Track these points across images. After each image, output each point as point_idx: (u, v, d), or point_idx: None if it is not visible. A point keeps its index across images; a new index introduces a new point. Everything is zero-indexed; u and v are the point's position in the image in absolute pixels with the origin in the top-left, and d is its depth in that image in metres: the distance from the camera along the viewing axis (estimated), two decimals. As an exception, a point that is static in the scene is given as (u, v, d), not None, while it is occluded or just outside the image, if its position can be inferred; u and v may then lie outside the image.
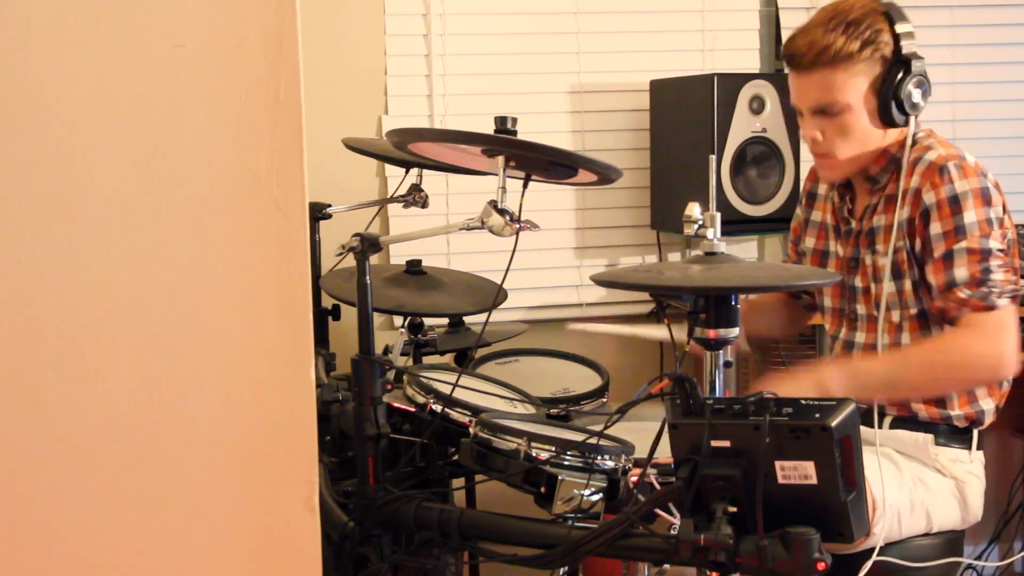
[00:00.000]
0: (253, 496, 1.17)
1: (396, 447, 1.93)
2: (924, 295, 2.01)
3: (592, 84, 3.18)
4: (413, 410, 1.95)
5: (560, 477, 1.65)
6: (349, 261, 2.09)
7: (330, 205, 2.52)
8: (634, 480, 1.67)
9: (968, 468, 2.06)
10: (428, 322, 2.46)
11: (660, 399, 1.50)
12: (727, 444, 1.39)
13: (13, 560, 1.12)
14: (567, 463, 1.67)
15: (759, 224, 2.93)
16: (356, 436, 1.77)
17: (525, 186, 1.71)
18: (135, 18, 1.09)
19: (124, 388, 1.12)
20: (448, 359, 2.59)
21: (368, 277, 1.78)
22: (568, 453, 1.67)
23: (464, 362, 2.43)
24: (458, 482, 2.31)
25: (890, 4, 2.00)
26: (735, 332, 1.59)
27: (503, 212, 1.63)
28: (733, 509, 1.38)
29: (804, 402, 1.39)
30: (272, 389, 1.15)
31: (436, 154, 1.93)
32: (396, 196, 2.57)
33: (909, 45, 1.97)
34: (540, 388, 2.22)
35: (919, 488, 2.01)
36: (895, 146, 2.05)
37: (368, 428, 1.74)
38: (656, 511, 1.46)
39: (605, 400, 2.28)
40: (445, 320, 2.56)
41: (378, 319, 2.93)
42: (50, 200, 1.09)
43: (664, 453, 1.47)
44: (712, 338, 1.58)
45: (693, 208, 1.69)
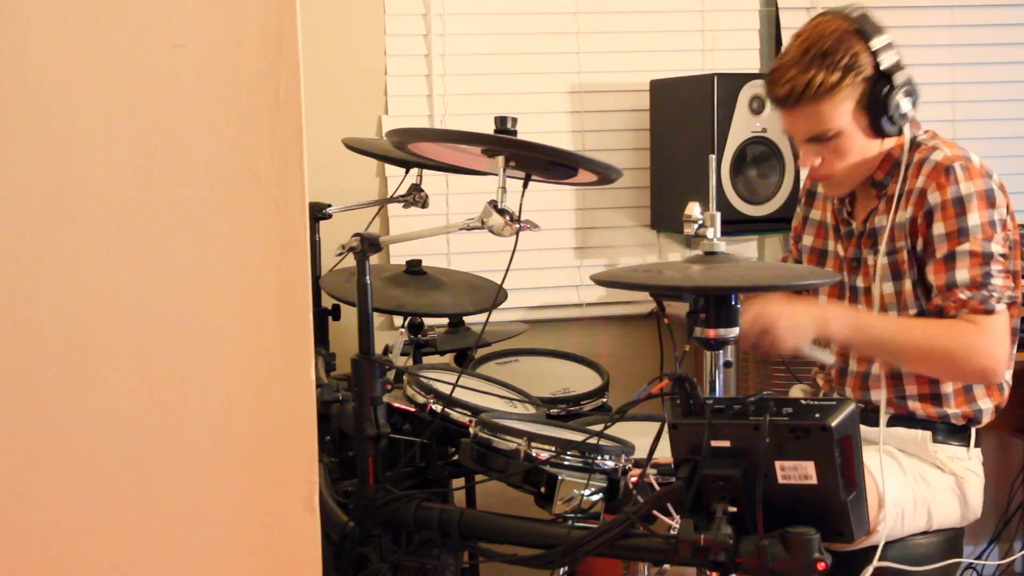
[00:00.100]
0: (253, 496, 1.16)
1: (396, 447, 1.93)
2: (922, 295, 2.01)
3: (592, 84, 3.18)
4: (413, 410, 1.95)
5: (560, 477, 1.65)
6: (349, 261, 2.09)
7: (330, 205, 2.52)
8: (634, 480, 1.67)
9: (967, 465, 2.07)
10: (428, 322, 2.46)
11: (660, 399, 1.50)
12: (727, 444, 1.39)
13: (13, 560, 1.12)
14: (567, 463, 1.67)
15: (759, 224, 2.93)
16: (356, 436, 1.77)
17: (525, 186, 1.72)
18: (135, 18, 1.09)
19: (124, 388, 1.12)
20: (448, 359, 2.59)
21: (368, 277, 1.78)
22: (568, 453, 1.67)
23: (464, 362, 2.43)
24: (458, 482, 2.31)
25: (861, 19, 1.97)
26: (735, 332, 1.59)
27: (503, 212, 1.63)
28: (733, 509, 1.38)
29: (804, 402, 1.39)
30: (272, 389, 1.15)
31: (436, 154, 1.93)
32: (396, 196, 2.57)
33: (889, 57, 1.95)
34: (540, 388, 2.22)
35: (920, 485, 2.01)
36: (898, 149, 2.05)
37: (368, 428, 1.74)
38: (655, 514, 1.46)
39: (605, 400, 2.28)
40: (445, 320, 2.56)
41: (378, 319, 2.93)
42: (50, 200, 1.09)
43: (664, 453, 1.47)
44: (712, 338, 1.58)
45: (693, 208, 1.69)
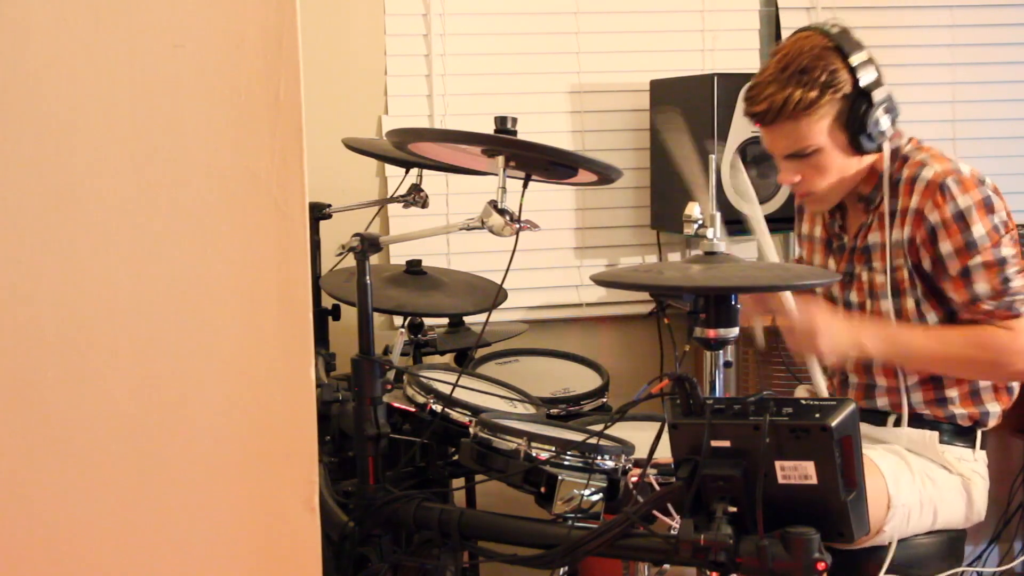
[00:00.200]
0: (253, 496, 1.17)
1: (396, 447, 1.93)
2: (933, 307, 2.02)
3: (592, 84, 3.18)
4: (413, 410, 1.95)
5: (560, 477, 1.65)
6: (349, 261, 2.09)
7: (330, 205, 2.52)
8: (634, 480, 1.67)
9: (973, 467, 2.07)
10: (428, 322, 2.46)
11: (660, 399, 1.50)
12: (727, 444, 1.39)
13: (13, 560, 1.12)
14: (567, 463, 1.67)
15: (759, 224, 2.93)
16: (356, 436, 1.77)
17: (525, 186, 1.72)
18: (135, 18, 1.09)
19: (124, 388, 1.12)
20: (448, 359, 2.59)
21: (368, 277, 1.78)
22: (568, 453, 1.67)
23: (464, 362, 2.43)
24: (458, 482, 2.31)
25: (841, 35, 1.96)
26: (735, 332, 1.59)
27: (503, 212, 1.63)
28: (733, 509, 1.38)
29: (804, 402, 1.39)
30: (272, 389, 1.15)
31: (436, 154, 1.93)
32: (396, 196, 2.57)
33: (868, 74, 1.94)
34: (540, 388, 2.22)
35: (928, 486, 2.01)
36: (881, 162, 2.04)
37: (368, 428, 1.74)
38: (655, 514, 1.46)
39: (605, 400, 2.28)
40: (445, 320, 2.56)
41: (378, 319, 2.93)
42: (50, 200, 1.09)
43: (664, 453, 1.47)
44: (712, 338, 1.58)
45: (693, 208, 1.69)
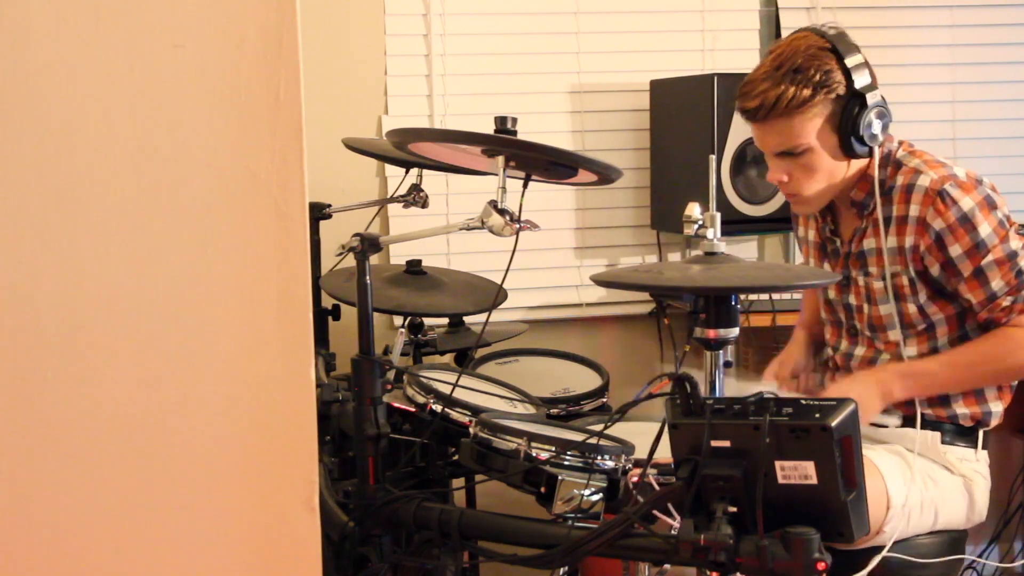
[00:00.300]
0: (253, 496, 1.16)
1: (396, 447, 1.93)
2: (941, 308, 2.02)
3: (592, 84, 3.18)
4: (413, 410, 1.95)
5: (560, 477, 1.65)
6: (349, 261, 2.09)
7: (330, 205, 2.52)
8: (634, 480, 1.67)
9: (974, 467, 2.07)
10: (428, 322, 2.46)
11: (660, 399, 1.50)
12: (727, 444, 1.39)
13: (13, 560, 1.12)
14: (567, 463, 1.67)
15: (759, 224, 2.93)
16: (356, 436, 1.77)
17: (525, 186, 1.71)
18: (135, 18, 1.09)
19: (124, 388, 1.12)
20: (448, 359, 2.59)
21: (368, 277, 1.78)
22: (568, 453, 1.67)
23: (464, 362, 2.43)
24: (458, 482, 2.31)
25: (837, 37, 1.97)
26: (735, 332, 1.59)
27: (503, 212, 1.63)
28: (733, 509, 1.38)
29: (804, 402, 1.39)
30: (272, 389, 1.15)
31: (436, 154, 1.93)
32: (396, 196, 2.57)
33: (862, 77, 1.95)
34: (540, 388, 2.22)
35: (930, 486, 2.01)
36: (873, 168, 2.04)
37: (368, 428, 1.74)
38: (655, 514, 1.46)
39: (605, 400, 2.28)
40: (445, 320, 2.56)
41: (378, 319, 2.93)
42: (50, 200, 1.09)
43: (664, 453, 1.47)
44: (712, 338, 1.58)
45: (693, 208, 1.69)
